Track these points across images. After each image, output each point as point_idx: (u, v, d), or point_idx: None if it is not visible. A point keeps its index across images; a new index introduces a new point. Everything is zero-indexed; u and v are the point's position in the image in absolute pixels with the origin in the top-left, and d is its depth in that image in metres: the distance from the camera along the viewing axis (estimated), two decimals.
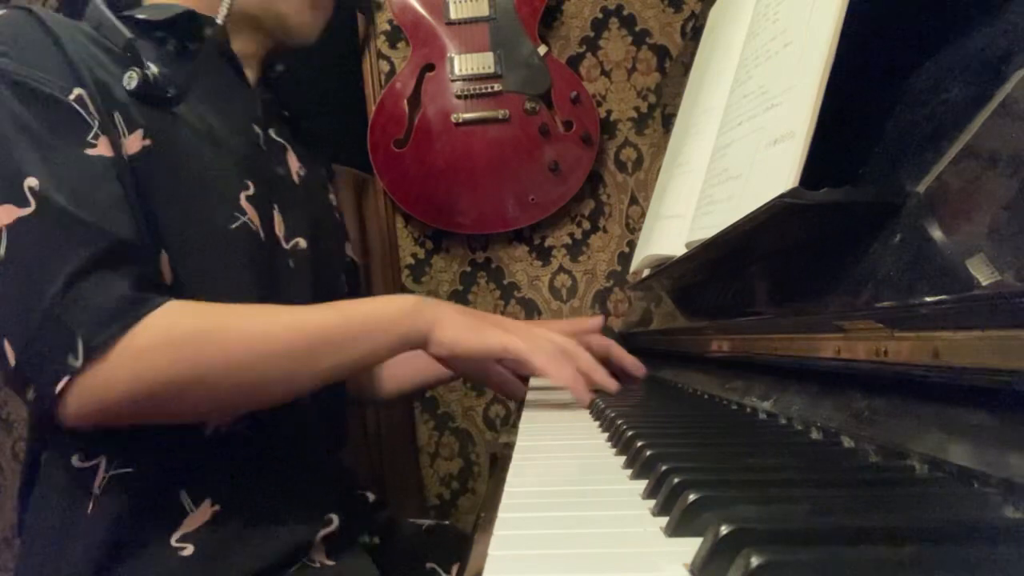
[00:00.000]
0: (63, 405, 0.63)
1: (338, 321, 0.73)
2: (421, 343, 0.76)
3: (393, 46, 1.84)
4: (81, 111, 0.68)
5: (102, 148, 0.68)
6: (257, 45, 0.89)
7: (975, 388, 0.36)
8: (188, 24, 0.81)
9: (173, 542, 0.71)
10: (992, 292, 0.33)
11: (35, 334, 0.62)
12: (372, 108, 1.78)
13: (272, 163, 0.87)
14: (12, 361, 0.63)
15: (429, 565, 0.93)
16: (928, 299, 0.38)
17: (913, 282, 0.40)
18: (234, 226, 0.78)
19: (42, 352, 0.62)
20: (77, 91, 0.69)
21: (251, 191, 0.81)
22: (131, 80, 0.73)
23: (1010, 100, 0.38)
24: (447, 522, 1.67)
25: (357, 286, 1.08)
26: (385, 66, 1.84)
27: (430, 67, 1.73)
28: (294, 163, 0.91)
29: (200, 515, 0.73)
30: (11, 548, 1.99)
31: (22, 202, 0.64)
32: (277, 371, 0.70)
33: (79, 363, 0.62)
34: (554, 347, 0.77)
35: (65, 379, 0.62)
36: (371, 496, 0.92)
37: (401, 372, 1.09)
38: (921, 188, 0.43)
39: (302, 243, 0.87)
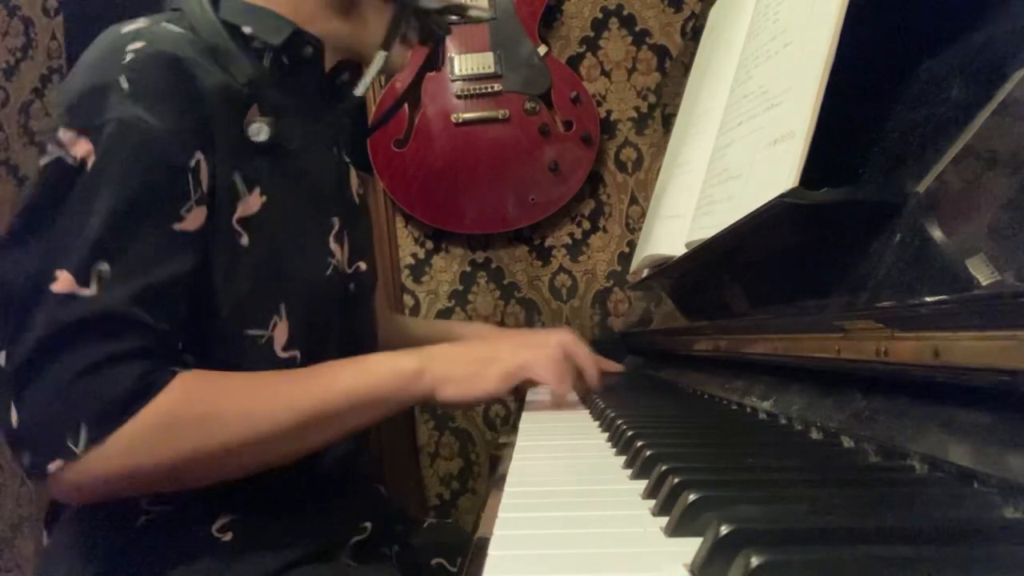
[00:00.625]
0: (55, 482, 0.63)
1: (337, 397, 0.71)
2: (425, 402, 0.77)
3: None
4: (190, 180, 0.66)
5: (189, 221, 0.67)
6: (331, 60, 0.84)
7: (975, 388, 0.36)
8: (297, 45, 0.77)
9: (214, 531, 0.72)
10: (992, 292, 0.33)
11: (43, 409, 0.62)
12: (372, 108, 1.78)
13: (345, 187, 0.86)
14: (14, 424, 0.62)
15: (435, 561, 0.93)
16: (928, 299, 0.38)
17: (913, 282, 0.40)
18: (328, 272, 0.79)
19: (44, 430, 0.62)
20: (198, 155, 0.66)
21: (336, 228, 0.80)
22: (260, 132, 0.71)
23: (1010, 100, 0.38)
24: (448, 520, 1.67)
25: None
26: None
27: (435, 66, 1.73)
28: (355, 182, 0.90)
29: (233, 515, 0.73)
30: (12, 548, 1.99)
31: (84, 281, 0.62)
32: (272, 451, 0.70)
33: (78, 450, 0.61)
34: (548, 361, 0.78)
35: (60, 461, 0.61)
36: (383, 490, 0.92)
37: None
38: (921, 188, 0.43)
39: (362, 266, 0.87)
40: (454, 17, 0.98)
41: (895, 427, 0.43)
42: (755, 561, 0.25)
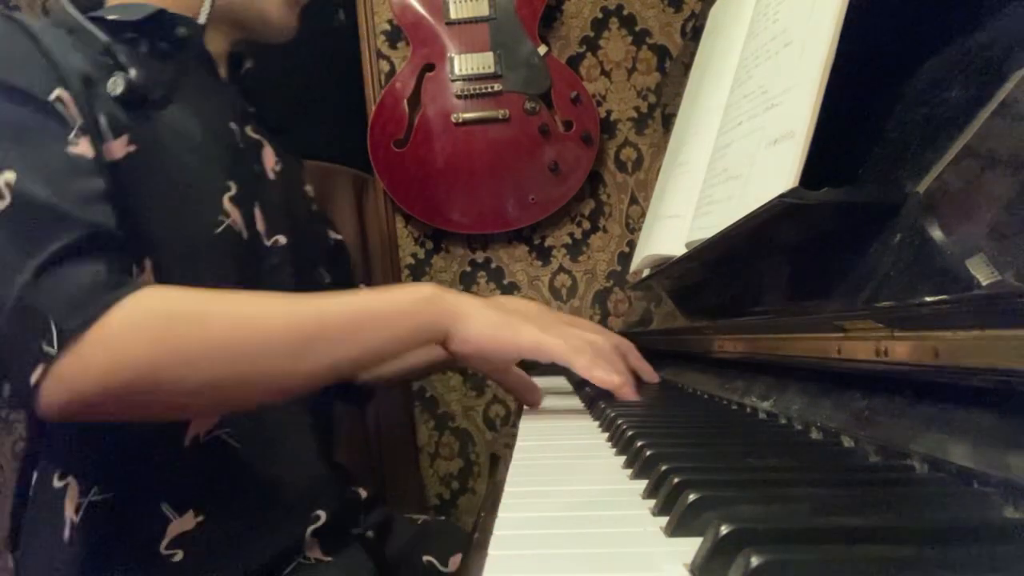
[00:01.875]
0: (39, 396, 0.60)
1: (341, 311, 0.66)
2: (440, 337, 0.68)
3: (393, 46, 1.84)
4: (61, 111, 0.67)
5: (83, 148, 0.67)
6: (226, 41, 0.89)
7: (975, 388, 0.36)
8: (161, 24, 0.80)
9: (162, 550, 0.70)
10: (992, 292, 0.33)
11: (7, 324, 0.59)
12: (372, 108, 1.78)
13: (250, 161, 0.87)
14: None
15: (426, 559, 0.92)
16: (928, 299, 0.38)
17: (913, 282, 0.40)
18: (219, 230, 0.77)
19: (15, 342, 0.59)
20: (57, 91, 0.68)
21: (233, 191, 0.80)
22: (116, 85, 0.72)
23: (1010, 100, 0.38)
24: (442, 518, 1.67)
25: (348, 266, 1.07)
26: (385, 66, 1.84)
27: (430, 67, 1.73)
28: (270, 159, 0.90)
29: (184, 522, 0.72)
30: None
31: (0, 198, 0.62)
32: (267, 362, 0.64)
33: (54, 350, 0.58)
34: (591, 348, 0.71)
35: (40, 368, 0.58)
36: (364, 492, 0.92)
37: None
38: (921, 188, 0.43)
39: (282, 240, 0.86)
40: None
41: (895, 427, 0.43)
42: (755, 561, 0.25)
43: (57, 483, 0.70)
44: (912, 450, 0.40)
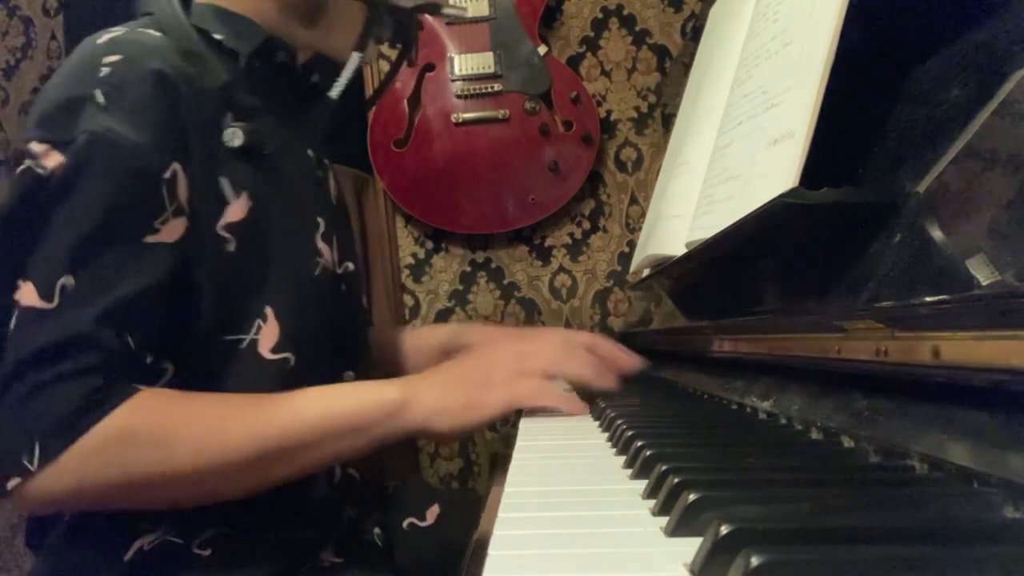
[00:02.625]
0: (15, 498, 0.63)
1: (305, 424, 0.68)
2: (412, 436, 0.74)
3: (393, 46, 1.84)
4: (164, 191, 0.66)
5: (165, 234, 0.66)
6: (303, 57, 0.86)
7: (975, 388, 0.36)
8: (268, 51, 0.78)
9: (194, 548, 0.71)
10: (992, 292, 0.33)
11: (1, 429, 0.62)
12: (372, 108, 1.78)
13: (326, 188, 0.86)
14: None
15: (407, 522, 0.93)
16: (928, 299, 0.38)
17: (913, 282, 0.40)
18: (317, 272, 0.78)
19: (2, 449, 0.62)
20: (174, 167, 0.66)
21: (322, 228, 0.79)
22: (234, 138, 0.70)
23: (1010, 100, 0.38)
24: (412, 477, 1.66)
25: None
26: (385, 66, 1.84)
27: (430, 67, 1.73)
28: (332, 183, 0.89)
29: (208, 531, 0.72)
30: (11, 548, 1.99)
31: (47, 295, 0.62)
32: (225, 478, 0.67)
33: (34, 467, 0.61)
34: (558, 358, 0.75)
35: (17, 480, 0.62)
36: (356, 474, 0.92)
37: (426, 356, 1.04)
38: (921, 188, 0.43)
39: (351, 266, 0.86)
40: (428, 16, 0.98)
41: (895, 427, 0.43)
42: (755, 561, 0.25)
43: (105, 523, 0.71)
44: (912, 450, 0.40)
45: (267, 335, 0.72)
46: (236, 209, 0.70)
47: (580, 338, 0.84)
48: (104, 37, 0.69)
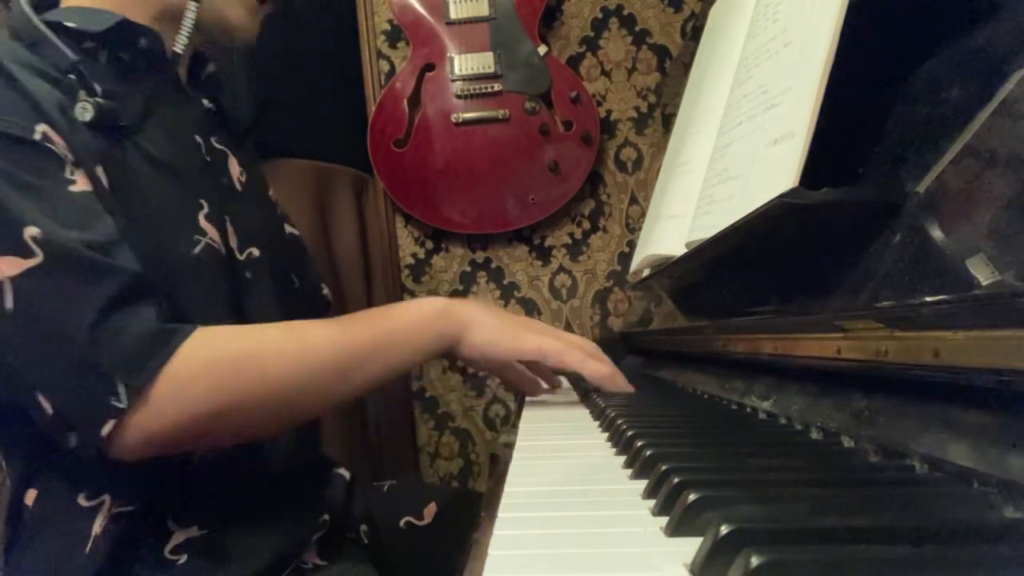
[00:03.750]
0: (112, 444, 0.63)
1: (370, 332, 0.73)
2: (452, 345, 0.76)
3: (393, 46, 1.84)
4: (51, 147, 0.66)
5: (81, 183, 0.66)
6: (188, 47, 0.84)
7: (975, 388, 0.36)
8: (123, 35, 0.77)
9: (167, 554, 0.70)
10: (992, 292, 0.33)
11: (72, 383, 0.62)
12: (372, 108, 1.78)
13: (218, 174, 0.85)
14: (49, 411, 0.63)
15: (404, 520, 0.94)
16: (928, 299, 0.38)
17: (913, 282, 0.40)
18: (197, 250, 0.76)
19: (83, 399, 0.62)
20: (41, 127, 0.66)
21: (206, 209, 0.78)
22: (85, 112, 0.69)
23: (1010, 100, 0.38)
24: (409, 476, 1.66)
25: (308, 262, 1.04)
26: (385, 66, 1.84)
27: (430, 67, 1.74)
28: (235, 169, 0.88)
29: (188, 532, 0.72)
30: None
31: (26, 253, 0.61)
32: (316, 388, 0.70)
33: (123, 404, 0.61)
34: (583, 348, 0.79)
35: (112, 422, 0.61)
36: (347, 473, 0.92)
37: None
38: (921, 188, 0.43)
39: (255, 252, 0.84)
40: None
41: (895, 427, 0.43)
42: (755, 561, 0.25)
43: (85, 503, 0.70)
44: (912, 450, 0.40)
45: None
46: (81, 180, 0.68)
47: (595, 351, 0.86)
48: None
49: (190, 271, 0.75)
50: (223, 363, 0.66)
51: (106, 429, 0.62)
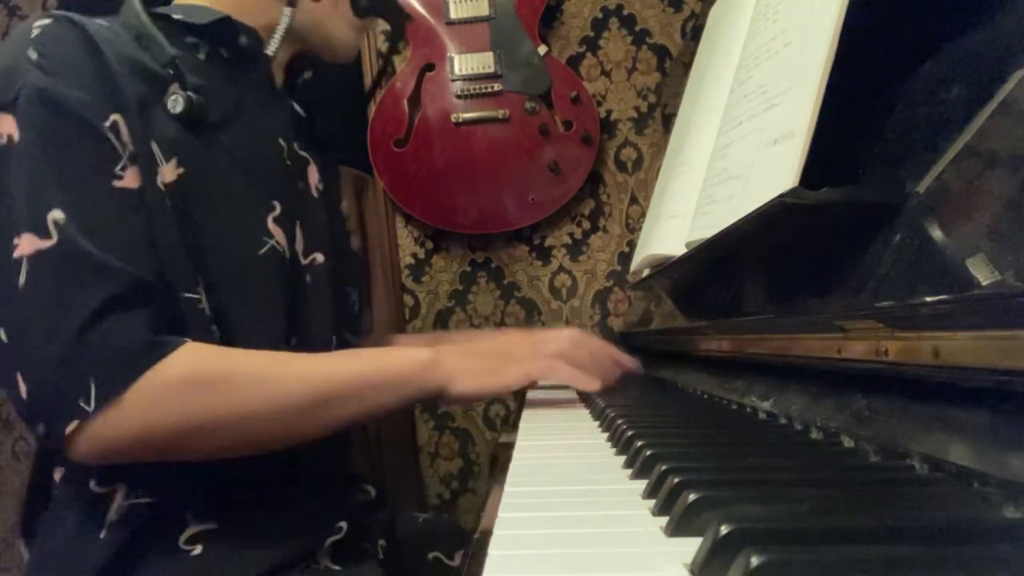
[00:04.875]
0: (71, 444, 0.63)
1: (352, 374, 0.74)
2: (435, 396, 0.77)
3: (393, 46, 1.84)
4: (114, 139, 0.67)
5: (129, 179, 0.68)
6: (287, 53, 0.88)
7: (975, 388, 0.36)
8: (225, 32, 0.80)
9: (182, 544, 0.71)
10: (992, 292, 0.33)
11: (50, 373, 0.62)
12: (372, 108, 1.78)
13: (296, 178, 0.87)
14: (23, 395, 0.63)
15: (432, 555, 0.93)
16: (928, 299, 0.38)
17: (913, 282, 0.40)
18: (263, 251, 0.78)
19: (55, 392, 0.62)
20: (114, 117, 0.68)
21: (277, 211, 0.80)
22: (176, 104, 0.72)
23: (1010, 100, 0.38)
24: (445, 515, 1.67)
25: (365, 276, 1.08)
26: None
27: (430, 67, 1.73)
28: (314, 177, 0.90)
29: (202, 525, 0.72)
30: (11, 548, 1.99)
31: (44, 233, 0.63)
32: (283, 421, 0.70)
33: (91, 408, 0.61)
34: (568, 349, 0.81)
35: (75, 423, 0.62)
36: (372, 491, 0.92)
37: None
38: (921, 188, 0.43)
39: (319, 258, 0.86)
40: None
41: (895, 427, 0.43)
42: (755, 561, 0.25)
43: (97, 488, 0.70)
44: (912, 450, 0.40)
45: (198, 306, 0.72)
46: (165, 173, 0.71)
47: (587, 340, 0.88)
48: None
49: (251, 270, 0.77)
50: (194, 384, 0.66)
51: (69, 428, 0.62)
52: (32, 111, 0.65)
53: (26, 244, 0.63)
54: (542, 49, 1.72)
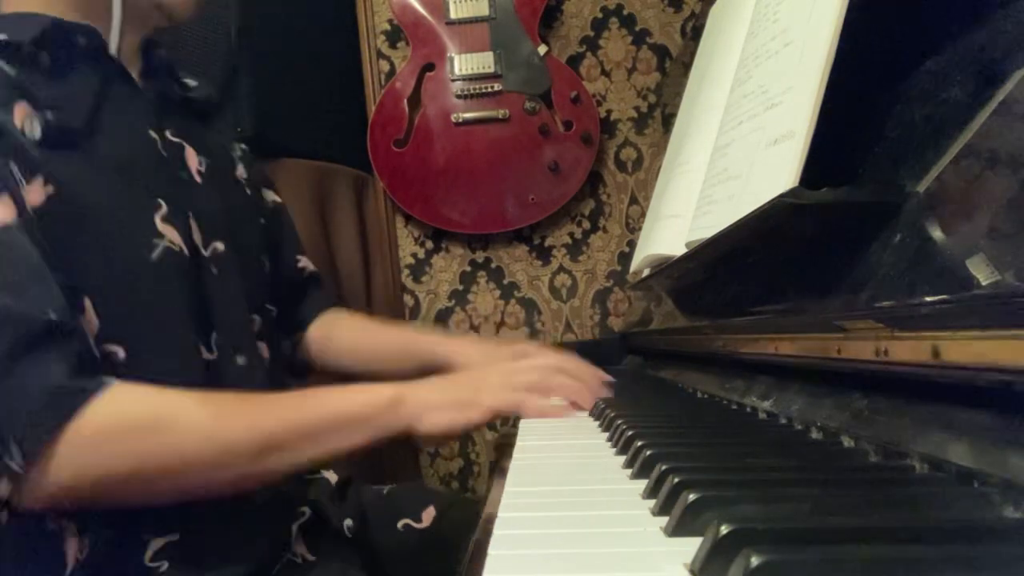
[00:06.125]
0: (12, 500, 0.62)
1: (303, 417, 0.71)
2: (401, 433, 0.73)
3: (393, 46, 1.84)
4: None
5: (2, 212, 0.63)
6: (133, 38, 0.81)
7: (975, 388, 0.36)
8: (58, 37, 0.73)
9: (148, 563, 0.70)
10: (992, 292, 0.33)
11: None
12: (372, 108, 1.78)
13: (175, 169, 0.82)
14: None
15: (401, 523, 0.93)
16: (928, 299, 0.38)
17: (913, 282, 0.40)
18: (156, 254, 0.74)
19: None
20: None
21: (164, 210, 0.76)
22: (33, 129, 0.67)
23: (1010, 100, 0.38)
24: (409, 482, 1.66)
25: (283, 231, 1.02)
26: (385, 66, 1.84)
27: (430, 67, 1.73)
28: (193, 160, 0.84)
29: (164, 538, 0.71)
30: None
31: None
32: (227, 466, 0.67)
33: (17, 466, 0.59)
34: (541, 379, 0.78)
35: (5, 481, 0.60)
36: (332, 477, 0.92)
37: (371, 354, 1.03)
38: (921, 188, 0.43)
39: (220, 246, 0.82)
40: None
41: (895, 427, 0.43)
42: (755, 561, 0.25)
43: (51, 525, 0.69)
44: (912, 450, 0.40)
45: (89, 327, 0.68)
46: (31, 194, 0.66)
47: (564, 362, 0.84)
48: None
49: (149, 277, 0.73)
50: (126, 430, 0.63)
51: (2, 487, 0.61)
52: None
53: None
54: (542, 49, 1.72)
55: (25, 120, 0.68)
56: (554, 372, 0.80)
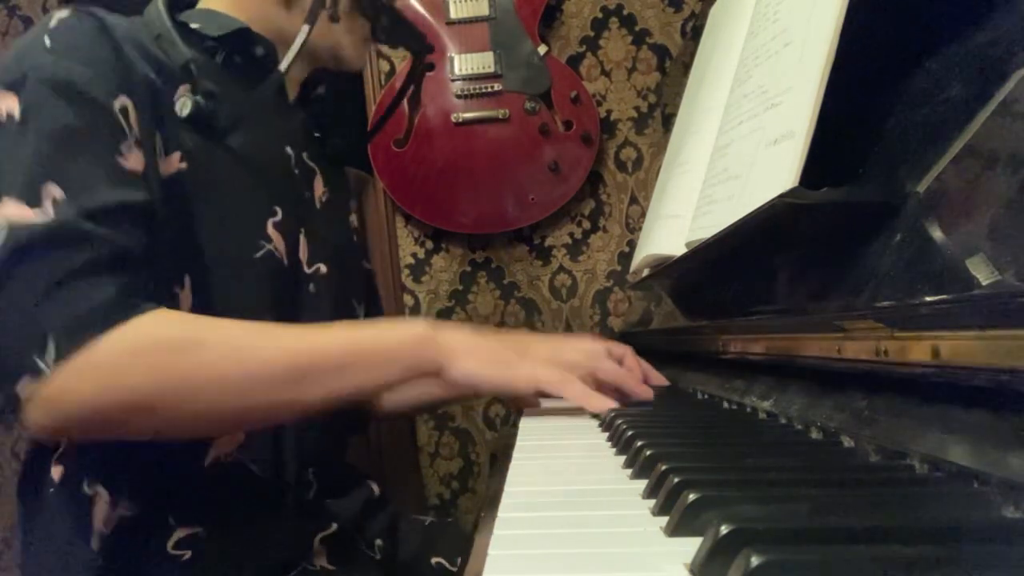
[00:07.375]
0: (27, 412, 0.60)
1: (336, 346, 0.69)
2: (433, 373, 0.71)
3: (393, 46, 1.84)
4: (122, 120, 0.67)
5: (133, 161, 0.67)
6: (301, 69, 0.89)
7: (975, 388, 0.36)
8: (241, 41, 0.81)
9: (171, 549, 0.70)
10: (992, 292, 0.33)
11: (10, 326, 0.60)
12: (372, 108, 1.78)
13: (301, 188, 0.86)
14: None
15: (435, 560, 0.92)
16: (928, 299, 0.38)
17: (913, 282, 0.40)
18: (259, 254, 0.77)
19: (11, 346, 0.60)
20: (122, 100, 0.68)
21: (278, 217, 0.79)
22: (184, 107, 0.72)
23: (1010, 100, 0.38)
24: (449, 519, 1.67)
25: (377, 298, 1.06)
26: (385, 66, 1.84)
27: (430, 67, 1.73)
28: (319, 188, 0.90)
29: (188, 529, 0.72)
30: (11, 548, 1.98)
31: (33, 201, 0.61)
32: (262, 393, 0.66)
33: (45, 367, 0.58)
34: (586, 362, 0.76)
35: (26, 379, 0.58)
36: (375, 488, 0.92)
37: (400, 392, 1.01)
38: (921, 188, 0.43)
39: (323, 268, 0.86)
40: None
41: (895, 427, 0.43)
42: (755, 561, 0.25)
43: (86, 490, 0.70)
44: (912, 450, 0.40)
45: (182, 302, 0.71)
46: (168, 163, 0.71)
47: (614, 348, 0.83)
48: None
49: (247, 272, 0.76)
50: (160, 346, 0.62)
51: (21, 387, 0.59)
52: (38, 90, 0.65)
53: (14, 209, 0.61)
54: (542, 49, 1.72)
55: (180, 100, 0.73)
56: (602, 357, 0.78)
